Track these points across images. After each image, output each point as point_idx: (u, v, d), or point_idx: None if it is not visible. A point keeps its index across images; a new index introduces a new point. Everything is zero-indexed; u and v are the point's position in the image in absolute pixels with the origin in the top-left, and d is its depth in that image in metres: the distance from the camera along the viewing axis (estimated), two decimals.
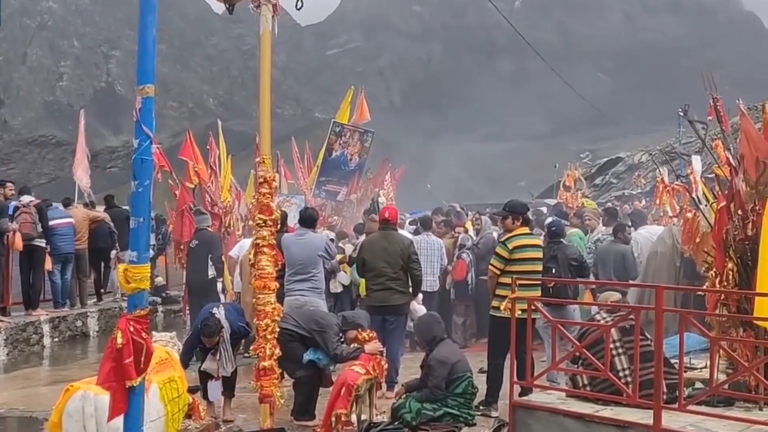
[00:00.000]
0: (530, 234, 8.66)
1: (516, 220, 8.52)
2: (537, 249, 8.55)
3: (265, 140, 7.11)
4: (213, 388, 8.17)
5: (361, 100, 18.50)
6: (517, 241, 8.34)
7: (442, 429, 7.55)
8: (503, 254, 8.34)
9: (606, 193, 31.93)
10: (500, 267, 8.35)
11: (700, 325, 6.84)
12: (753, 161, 7.07)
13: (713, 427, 6.31)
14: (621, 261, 10.90)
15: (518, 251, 8.27)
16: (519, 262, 8.23)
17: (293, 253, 9.47)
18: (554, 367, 7.22)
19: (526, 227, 8.58)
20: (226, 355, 8.01)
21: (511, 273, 8.06)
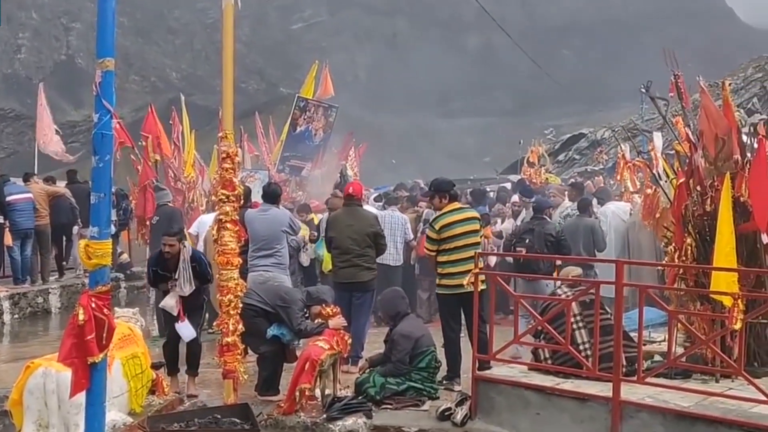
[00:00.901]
0: (460, 209, 8.58)
1: (443, 198, 8.52)
2: (468, 222, 8.42)
3: (228, 115, 7.05)
4: (183, 329, 8.10)
5: (325, 75, 18.40)
6: (444, 219, 8.36)
7: (406, 403, 7.62)
8: (432, 236, 8.38)
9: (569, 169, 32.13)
10: (433, 248, 8.38)
11: (659, 299, 6.98)
12: (712, 138, 7.17)
13: (671, 399, 6.45)
14: (590, 235, 11.02)
15: (446, 229, 8.29)
16: (451, 240, 8.26)
17: (257, 229, 9.44)
18: (516, 341, 7.30)
19: (455, 203, 8.58)
20: (185, 274, 7.97)
21: (449, 251, 8.14)
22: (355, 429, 7.13)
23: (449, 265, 8.26)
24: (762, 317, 6.75)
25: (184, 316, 8.06)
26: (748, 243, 7.03)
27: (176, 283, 7.97)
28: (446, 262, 8.29)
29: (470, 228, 8.43)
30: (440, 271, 8.38)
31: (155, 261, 8.34)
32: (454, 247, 8.25)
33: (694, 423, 6.14)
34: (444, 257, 8.31)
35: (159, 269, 8.17)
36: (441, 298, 8.51)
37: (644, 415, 6.39)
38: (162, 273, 8.13)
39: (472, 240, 8.35)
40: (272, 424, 7.31)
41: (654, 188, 8.27)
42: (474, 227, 8.50)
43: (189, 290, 8.01)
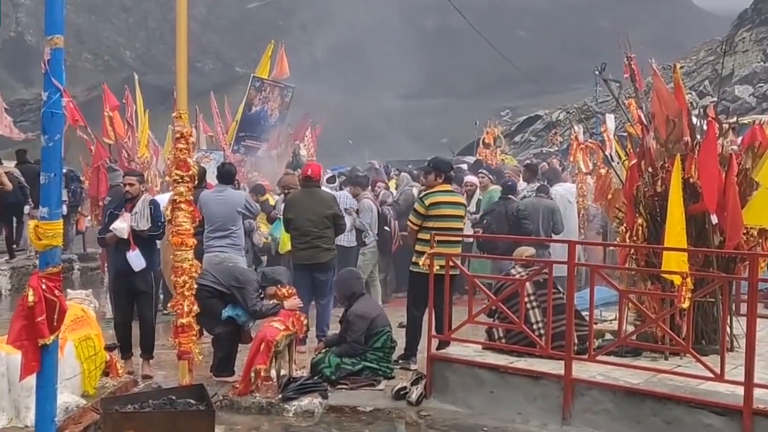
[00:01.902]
0: (451, 191, 8.70)
1: (438, 177, 8.57)
2: (456, 206, 8.56)
3: (182, 95, 6.96)
4: (134, 258, 8.12)
5: (281, 55, 18.25)
6: (435, 197, 8.41)
7: (361, 383, 7.66)
8: (420, 210, 8.41)
9: (525, 150, 32.35)
10: (417, 223, 8.42)
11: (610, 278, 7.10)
12: (663, 120, 7.28)
13: (621, 376, 6.58)
14: (550, 216, 11.15)
15: (435, 207, 8.34)
16: (436, 219, 8.30)
17: (212, 210, 9.37)
18: (470, 321, 7.37)
19: (447, 185, 8.65)
20: (144, 212, 8.13)
21: (429, 229, 8.16)
22: (310, 409, 7.15)
23: (428, 244, 8.20)
24: (710, 296, 6.90)
25: (135, 245, 8.10)
26: (697, 223, 7.16)
27: (134, 216, 8.08)
28: (426, 240, 8.21)
29: (457, 212, 8.50)
30: (418, 248, 8.36)
31: (113, 203, 8.52)
32: (437, 227, 8.24)
33: (643, 399, 6.28)
34: (425, 235, 8.24)
35: (118, 210, 8.26)
36: (413, 276, 8.45)
37: (595, 393, 6.52)
38: (112, 212, 8.30)
39: (455, 224, 8.41)
40: (227, 404, 7.31)
41: (606, 169, 8.37)
42: (460, 212, 8.56)
43: (145, 226, 8.10)
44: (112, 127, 13.48)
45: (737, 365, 6.13)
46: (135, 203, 8.18)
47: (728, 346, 7.00)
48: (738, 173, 7.05)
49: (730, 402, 5.90)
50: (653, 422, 6.19)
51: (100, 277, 14.10)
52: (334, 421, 7.07)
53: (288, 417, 7.12)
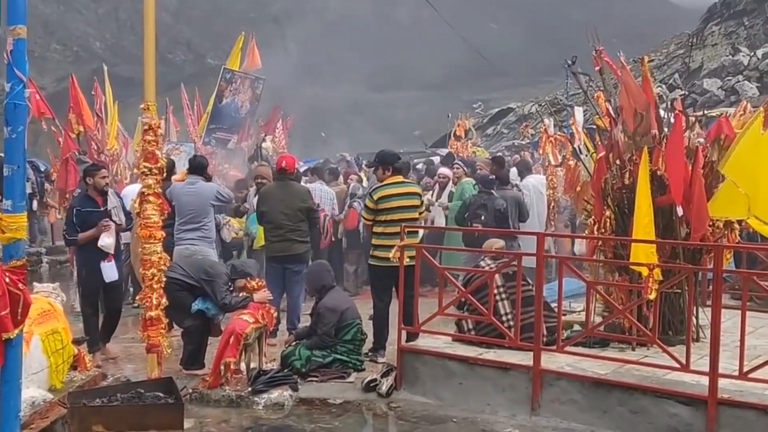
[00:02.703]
0: (401, 183, 8.66)
1: (386, 170, 8.60)
2: (408, 197, 8.52)
3: (150, 86, 6.91)
4: (109, 269, 8.42)
5: (252, 47, 18.14)
6: (383, 191, 8.44)
7: (332, 375, 7.68)
8: (370, 205, 8.46)
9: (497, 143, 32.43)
10: (369, 218, 8.49)
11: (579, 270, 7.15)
12: (631, 113, 7.33)
13: (589, 367, 6.64)
14: (515, 207, 11.21)
15: (384, 201, 8.36)
16: (387, 212, 8.33)
17: (183, 203, 9.33)
18: (440, 313, 7.40)
19: (398, 176, 8.65)
20: (117, 204, 8.55)
21: (384, 222, 8.21)
22: (280, 402, 7.14)
23: (384, 237, 8.31)
24: (676, 287, 6.98)
25: (112, 256, 8.42)
26: (664, 215, 7.23)
27: (108, 222, 8.28)
28: (381, 233, 8.34)
29: (409, 203, 8.49)
30: (374, 242, 8.45)
31: (81, 202, 8.54)
32: (390, 220, 8.30)
33: (610, 390, 6.34)
34: (379, 228, 8.36)
35: (90, 208, 8.39)
36: (372, 269, 8.55)
37: (563, 383, 6.57)
38: (92, 210, 8.37)
39: (409, 215, 8.41)
40: (197, 398, 7.27)
41: (575, 162, 8.42)
42: (413, 202, 8.56)
43: (122, 220, 8.51)
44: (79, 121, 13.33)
45: (703, 355, 6.20)
46: (106, 198, 8.28)
47: (694, 337, 7.11)
48: (704, 166, 7.13)
49: (696, 392, 5.98)
50: (620, 412, 6.26)
51: (69, 270, 13.95)
52: (304, 413, 7.06)
53: (258, 410, 7.10)
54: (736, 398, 5.85)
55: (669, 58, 33.69)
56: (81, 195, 8.67)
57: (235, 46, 18.46)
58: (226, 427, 6.81)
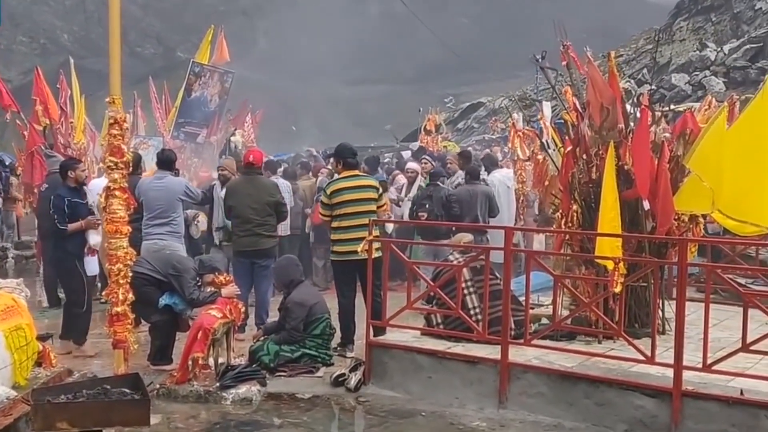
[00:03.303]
0: (355, 176, 8.58)
1: (338, 164, 8.62)
2: (362, 190, 8.43)
3: (115, 80, 6.84)
4: (90, 263, 8.86)
5: (221, 40, 18.04)
6: (336, 185, 8.43)
7: (300, 370, 7.66)
8: (324, 200, 8.46)
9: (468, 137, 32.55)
10: (326, 213, 8.45)
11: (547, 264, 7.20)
12: (598, 107, 7.38)
13: (556, 360, 6.69)
14: (486, 202, 11.24)
15: (337, 195, 8.35)
16: (341, 206, 8.32)
17: (151, 197, 9.26)
18: (409, 307, 7.41)
19: (352, 170, 8.62)
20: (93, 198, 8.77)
21: (340, 217, 8.21)
22: (248, 397, 7.12)
23: (341, 232, 8.29)
24: (642, 281, 7.04)
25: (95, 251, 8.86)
26: (630, 209, 7.29)
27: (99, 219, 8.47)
28: (338, 228, 8.31)
29: (365, 196, 8.44)
30: (333, 238, 8.43)
31: (69, 192, 8.53)
32: (344, 214, 8.27)
33: (576, 382, 6.40)
34: (336, 223, 8.34)
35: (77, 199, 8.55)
36: (334, 264, 8.57)
37: (530, 376, 6.62)
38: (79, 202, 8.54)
39: (365, 208, 8.37)
40: (165, 393, 7.23)
41: (543, 156, 8.47)
42: (370, 195, 8.51)
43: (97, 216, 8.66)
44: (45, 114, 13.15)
45: (668, 348, 6.26)
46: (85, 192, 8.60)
47: (660, 330, 7.19)
48: (670, 160, 7.20)
49: (660, 384, 6.05)
50: (586, 404, 6.32)
51: (35, 265, 13.78)
52: (272, 408, 7.06)
53: (226, 405, 7.08)
54: (700, 390, 5.92)
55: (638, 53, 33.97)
56: (65, 186, 8.57)
57: (204, 39, 18.34)
58: (194, 422, 6.79)
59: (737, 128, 6.92)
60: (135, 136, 15.83)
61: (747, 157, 6.77)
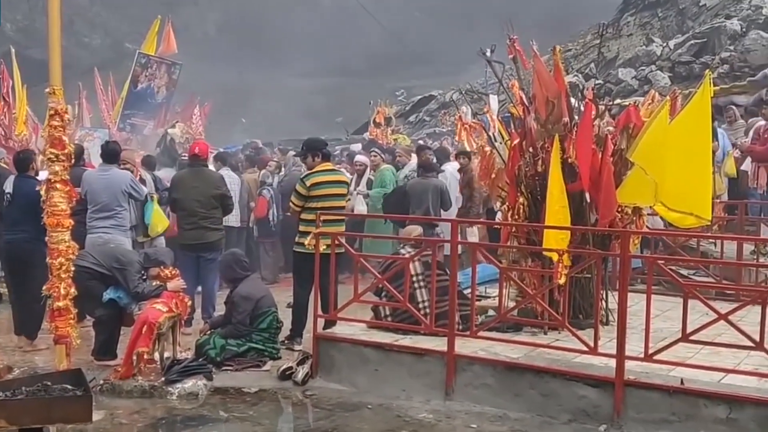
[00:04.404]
0: (332, 170, 8.70)
1: (315, 157, 8.59)
2: (338, 185, 8.57)
3: (55, 70, 6.69)
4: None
5: (168, 31, 17.82)
6: (316, 178, 8.41)
7: (247, 364, 7.63)
8: (302, 191, 8.40)
9: (420, 130, 32.58)
10: (299, 204, 8.42)
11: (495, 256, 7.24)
12: (543, 101, 7.44)
13: (502, 351, 6.75)
14: (438, 195, 11.27)
15: (316, 188, 8.34)
16: (318, 199, 8.31)
17: (95, 190, 9.13)
18: (356, 300, 7.40)
19: (327, 163, 8.64)
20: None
21: (313, 209, 8.18)
22: (194, 391, 7.07)
23: (312, 225, 8.21)
24: (586, 272, 7.13)
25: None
26: (575, 202, 7.35)
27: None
28: (310, 220, 8.21)
29: (339, 191, 8.50)
30: (301, 229, 8.36)
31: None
32: (320, 207, 8.22)
33: (522, 373, 6.46)
34: (307, 215, 8.27)
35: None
36: (297, 256, 8.46)
37: (477, 368, 6.67)
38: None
39: (338, 203, 8.41)
40: (109, 389, 7.16)
41: (490, 149, 8.52)
42: (341, 191, 8.56)
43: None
44: None
45: (612, 338, 6.32)
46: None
47: (603, 320, 7.29)
48: (613, 153, 7.29)
49: (603, 374, 6.13)
50: (531, 395, 6.38)
51: None
52: (219, 402, 7.02)
53: (172, 400, 7.03)
54: (641, 380, 6.02)
55: (586, 47, 34.31)
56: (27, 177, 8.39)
57: (151, 30, 18.11)
58: (139, 418, 6.72)
59: (679, 122, 7.04)
60: (80, 128, 15.57)
61: (688, 150, 6.91)
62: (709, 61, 21.36)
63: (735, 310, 5.90)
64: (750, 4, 24.49)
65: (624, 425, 5.98)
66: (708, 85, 6.96)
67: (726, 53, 21.33)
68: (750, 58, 20.04)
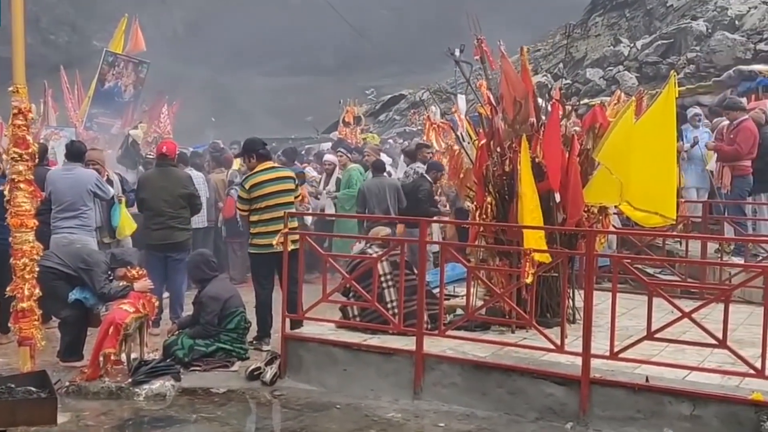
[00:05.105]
0: (272, 168, 8.61)
1: (251, 158, 8.61)
2: (280, 181, 8.46)
3: (19, 68, 6.62)
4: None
5: (135, 29, 17.65)
6: (254, 179, 8.41)
7: (215, 364, 7.61)
8: (243, 195, 8.43)
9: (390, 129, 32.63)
10: (244, 208, 8.45)
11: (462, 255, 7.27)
12: (511, 101, 7.48)
13: (470, 350, 6.77)
14: (395, 194, 11.31)
15: (256, 189, 8.33)
16: (261, 199, 8.31)
17: (60, 189, 9.03)
18: (324, 300, 7.39)
19: (267, 162, 8.61)
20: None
21: (260, 210, 8.20)
22: (162, 392, 7.01)
23: (261, 225, 8.27)
24: (553, 271, 7.17)
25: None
26: (543, 201, 7.40)
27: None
28: (258, 221, 8.31)
29: (283, 187, 8.44)
30: (252, 231, 8.41)
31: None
32: (265, 207, 8.26)
33: (489, 372, 6.49)
34: (255, 217, 8.32)
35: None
36: (252, 257, 8.53)
37: (445, 367, 6.68)
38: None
39: (284, 199, 8.37)
40: (74, 391, 7.07)
41: (458, 149, 8.55)
42: (287, 186, 8.50)
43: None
44: None
45: (579, 336, 6.39)
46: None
47: (571, 319, 7.36)
48: (580, 153, 7.35)
49: (569, 372, 6.18)
50: (498, 393, 6.41)
51: None
52: (186, 403, 6.95)
53: (139, 401, 6.96)
54: (607, 377, 6.08)
55: (555, 48, 34.56)
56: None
57: (118, 28, 17.94)
58: (105, 419, 6.63)
59: (644, 122, 7.11)
60: (46, 127, 15.38)
61: (653, 150, 6.97)
62: (676, 62, 21.60)
63: (699, 308, 5.96)
64: (716, 6, 24.79)
65: (590, 423, 6.04)
66: (673, 86, 7.04)
67: (692, 54, 21.58)
68: (715, 58, 20.31)
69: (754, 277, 6.29)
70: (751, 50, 20.15)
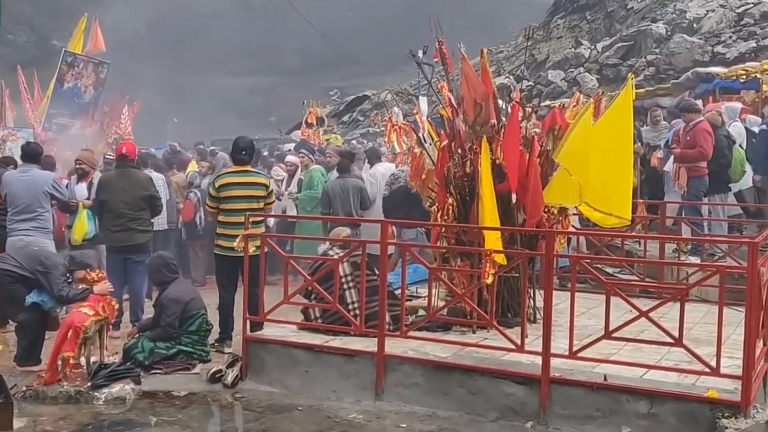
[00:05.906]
0: (246, 172, 8.57)
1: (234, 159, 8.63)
2: (251, 187, 8.45)
3: None
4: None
5: (95, 29, 17.47)
6: (225, 179, 8.42)
7: (176, 367, 7.55)
8: (212, 193, 8.44)
9: (353, 130, 32.65)
10: (213, 206, 8.46)
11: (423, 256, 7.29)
12: (471, 103, 7.51)
13: (432, 351, 6.80)
14: (358, 194, 11.31)
15: (224, 189, 8.33)
16: (229, 200, 8.31)
17: (15, 192, 8.97)
18: (286, 301, 7.38)
19: (242, 165, 8.58)
20: None
21: (227, 211, 8.19)
22: (122, 396, 6.95)
23: (227, 227, 8.25)
24: (514, 271, 7.22)
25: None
26: (503, 202, 7.44)
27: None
28: (225, 222, 8.30)
29: (253, 193, 8.42)
30: (218, 231, 8.39)
31: None
32: (232, 209, 8.23)
33: (450, 372, 6.52)
34: (222, 218, 8.29)
35: None
36: (217, 258, 8.50)
37: (406, 367, 6.71)
38: None
39: (252, 205, 8.33)
40: (32, 395, 6.98)
41: (420, 150, 8.57)
42: (257, 193, 8.47)
43: None
44: None
45: (539, 336, 6.42)
46: None
47: (531, 319, 7.41)
48: (539, 155, 7.40)
49: (529, 371, 6.23)
50: (460, 393, 6.45)
51: None
52: (147, 406, 6.91)
53: (98, 405, 6.89)
54: (566, 377, 6.14)
55: (517, 49, 34.80)
56: None
57: (78, 28, 17.76)
58: (64, 424, 6.56)
59: (602, 124, 7.16)
60: (2, 128, 15.19)
61: (610, 152, 7.04)
62: (635, 64, 21.88)
63: (656, 307, 6.03)
64: (675, 9, 25.17)
65: (550, 422, 6.09)
66: (630, 88, 7.10)
67: (651, 56, 21.89)
68: (674, 60, 20.62)
69: (709, 276, 6.37)
70: (708, 53, 20.50)
